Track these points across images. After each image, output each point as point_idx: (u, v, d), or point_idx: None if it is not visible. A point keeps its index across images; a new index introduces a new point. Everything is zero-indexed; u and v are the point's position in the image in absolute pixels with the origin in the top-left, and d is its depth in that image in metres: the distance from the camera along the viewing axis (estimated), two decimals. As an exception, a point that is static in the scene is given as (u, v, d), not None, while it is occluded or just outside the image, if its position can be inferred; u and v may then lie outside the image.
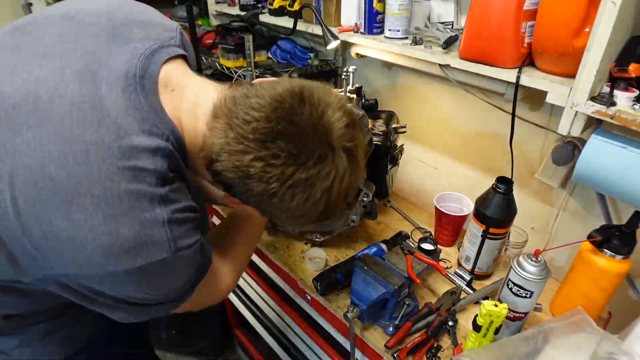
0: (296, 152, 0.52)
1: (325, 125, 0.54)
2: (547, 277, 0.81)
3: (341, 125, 0.55)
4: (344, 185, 0.57)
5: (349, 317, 0.88)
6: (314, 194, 0.54)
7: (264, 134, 0.52)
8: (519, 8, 0.84)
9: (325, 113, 0.55)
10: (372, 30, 1.17)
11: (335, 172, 0.55)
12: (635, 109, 0.74)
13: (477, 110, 1.19)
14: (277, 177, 0.52)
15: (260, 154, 0.52)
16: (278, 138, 0.52)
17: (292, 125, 0.52)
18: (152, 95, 0.54)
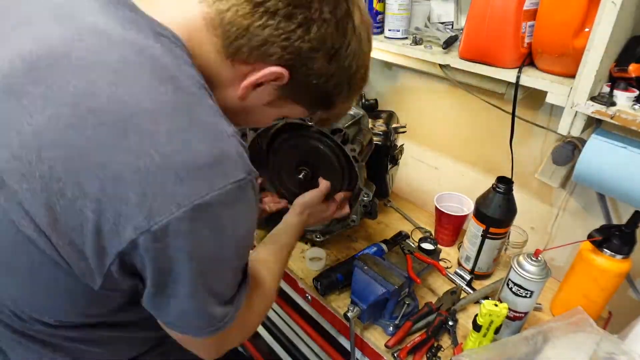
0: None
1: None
2: (547, 277, 0.81)
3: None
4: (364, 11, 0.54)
5: (349, 317, 0.88)
6: (340, 2, 0.49)
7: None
8: (519, 8, 0.84)
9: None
10: (372, 30, 1.17)
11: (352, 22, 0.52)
12: (635, 109, 0.74)
13: (477, 110, 1.19)
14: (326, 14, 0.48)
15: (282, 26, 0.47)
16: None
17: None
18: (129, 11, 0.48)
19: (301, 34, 0.48)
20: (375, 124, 1.13)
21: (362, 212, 1.06)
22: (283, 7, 0.47)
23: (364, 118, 1.00)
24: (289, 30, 0.48)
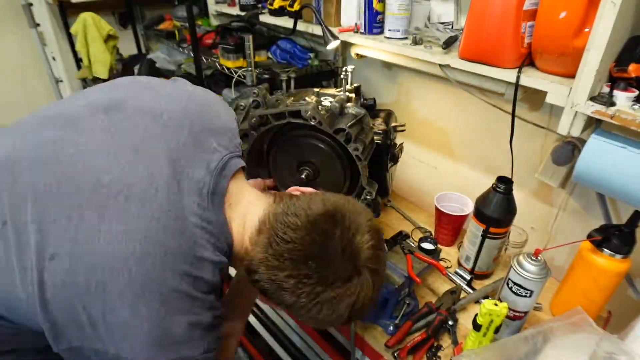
0: (325, 273, 0.59)
1: (354, 249, 0.61)
2: (547, 277, 0.81)
3: (368, 247, 0.61)
4: (368, 299, 0.62)
5: (349, 317, 0.88)
6: (340, 309, 0.60)
7: (298, 255, 0.59)
8: (519, 8, 0.84)
9: (355, 237, 0.61)
10: (372, 30, 1.17)
11: (359, 289, 0.60)
12: (634, 109, 0.74)
13: (477, 110, 1.19)
14: (307, 294, 0.59)
15: (293, 273, 0.58)
16: (310, 259, 0.59)
17: (324, 249, 0.59)
18: (218, 210, 0.62)
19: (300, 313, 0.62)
20: (374, 122, 1.13)
21: None
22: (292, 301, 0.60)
23: (365, 117, 1.00)
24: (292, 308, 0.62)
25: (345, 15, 1.26)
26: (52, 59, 2.38)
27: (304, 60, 1.53)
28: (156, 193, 0.56)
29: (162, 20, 2.34)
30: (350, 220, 0.62)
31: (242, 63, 1.54)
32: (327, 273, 0.59)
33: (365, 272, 0.61)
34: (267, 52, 1.62)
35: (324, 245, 0.60)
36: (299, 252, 0.59)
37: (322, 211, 0.62)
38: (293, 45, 1.55)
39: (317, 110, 0.93)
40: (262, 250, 0.60)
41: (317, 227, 0.60)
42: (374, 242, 0.63)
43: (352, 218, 0.62)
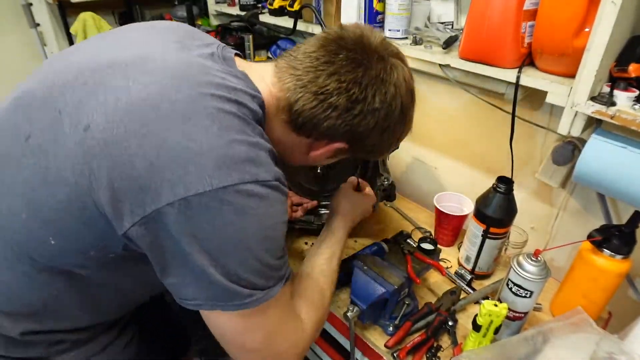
0: (358, 57, 0.60)
1: (369, 40, 0.63)
2: (547, 277, 0.81)
3: (380, 39, 0.64)
4: (408, 80, 0.65)
5: (348, 317, 0.88)
6: (389, 88, 0.62)
7: (325, 55, 0.60)
8: (519, 8, 0.84)
9: (363, 33, 0.63)
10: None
11: (394, 67, 0.63)
12: (635, 109, 0.74)
13: (477, 110, 1.19)
14: (353, 81, 0.59)
15: (330, 70, 0.59)
16: (339, 52, 0.60)
17: (344, 42, 0.61)
18: (235, 68, 0.63)
19: (358, 121, 0.62)
20: None
21: (381, 197, 1.07)
22: (344, 102, 0.60)
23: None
24: (349, 120, 0.62)
25: (345, 15, 1.25)
26: (52, 58, 2.38)
27: (304, 60, 1.53)
28: (171, 54, 0.60)
29: (162, 20, 2.34)
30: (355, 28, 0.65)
31: (242, 63, 1.54)
32: (359, 56, 0.60)
33: (390, 57, 0.63)
34: (267, 52, 1.62)
35: (343, 39, 0.61)
36: (324, 52, 0.61)
37: (327, 31, 0.65)
38: (293, 45, 1.56)
39: None
40: (291, 77, 0.61)
41: (328, 35, 0.63)
42: (383, 36, 0.66)
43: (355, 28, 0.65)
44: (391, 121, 0.65)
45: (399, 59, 0.66)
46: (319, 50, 0.61)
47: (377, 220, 1.29)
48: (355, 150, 0.70)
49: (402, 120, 0.67)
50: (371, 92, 0.60)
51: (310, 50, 0.62)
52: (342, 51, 0.60)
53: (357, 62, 0.60)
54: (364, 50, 0.61)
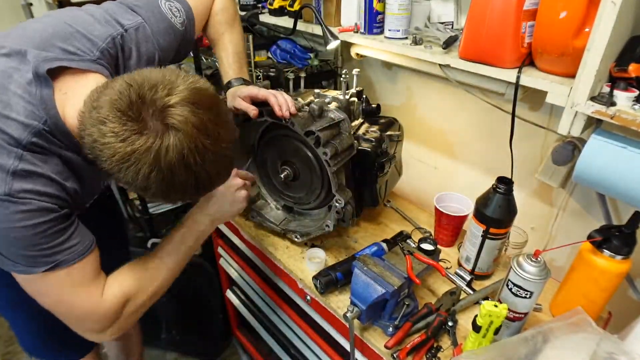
0: (119, 130, 0.60)
1: (160, 108, 0.61)
2: (547, 278, 0.81)
3: (171, 102, 0.62)
4: (176, 160, 0.62)
5: (348, 318, 0.88)
6: (142, 169, 0.61)
7: (99, 120, 0.62)
8: (519, 8, 0.84)
9: (165, 97, 0.62)
10: (372, 30, 1.17)
11: (158, 145, 0.61)
12: (635, 109, 0.74)
13: (477, 110, 1.19)
14: (111, 154, 0.61)
15: (96, 137, 0.62)
16: (107, 121, 0.61)
17: (116, 109, 0.61)
18: (45, 90, 0.68)
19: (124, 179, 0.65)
20: (369, 129, 1.11)
21: (335, 219, 1.02)
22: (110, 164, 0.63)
23: (344, 122, 0.98)
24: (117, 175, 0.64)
25: (345, 15, 1.25)
26: (52, 59, 2.38)
27: (304, 60, 1.53)
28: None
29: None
30: (151, 81, 0.63)
31: (241, 63, 1.53)
32: (120, 129, 0.60)
33: (169, 131, 0.61)
34: (267, 52, 1.62)
35: (115, 106, 0.61)
36: (99, 116, 0.62)
37: (123, 80, 0.64)
38: (293, 45, 1.55)
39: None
40: (83, 123, 0.65)
41: (115, 93, 0.62)
42: (183, 99, 0.62)
43: (155, 80, 0.63)
44: (154, 192, 0.66)
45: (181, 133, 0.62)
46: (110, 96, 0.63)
47: (377, 220, 1.29)
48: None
49: (166, 191, 0.67)
50: (119, 167, 0.62)
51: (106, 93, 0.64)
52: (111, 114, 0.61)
53: (116, 135, 0.61)
54: (134, 119, 0.61)
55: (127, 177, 0.63)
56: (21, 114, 0.67)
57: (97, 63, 0.76)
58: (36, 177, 0.68)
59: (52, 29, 0.75)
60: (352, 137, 1.00)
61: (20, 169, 0.66)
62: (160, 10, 0.90)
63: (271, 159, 1.12)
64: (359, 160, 1.04)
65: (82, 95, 0.69)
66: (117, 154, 0.61)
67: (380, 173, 1.11)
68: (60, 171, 0.71)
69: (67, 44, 0.75)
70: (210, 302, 1.74)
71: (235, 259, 1.45)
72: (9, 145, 0.66)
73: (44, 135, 0.69)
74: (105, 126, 0.61)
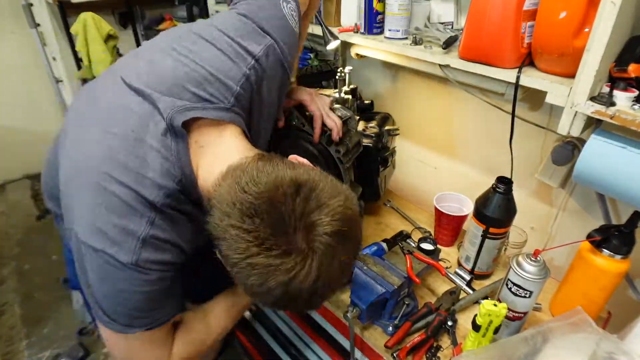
0: (266, 236, 0.54)
1: (307, 224, 0.55)
2: (546, 277, 0.81)
3: (325, 230, 0.54)
4: (306, 288, 0.55)
5: (348, 317, 0.88)
6: (269, 282, 0.54)
7: (247, 208, 0.55)
8: (519, 8, 0.84)
9: (313, 213, 0.55)
10: (372, 30, 1.17)
11: (298, 270, 0.54)
12: (634, 109, 0.74)
13: (477, 110, 1.19)
14: (242, 251, 0.54)
15: (236, 223, 0.54)
16: (257, 216, 0.54)
17: (274, 210, 0.54)
18: (181, 144, 0.66)
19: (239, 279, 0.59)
20: (367, 125, 1.12)
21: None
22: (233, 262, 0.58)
23: (351, 120, 1.00)
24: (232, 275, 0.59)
25: (345, 15, 1.26)
26: (52, 59, 2.38)
27: (304, 60, 1.53)
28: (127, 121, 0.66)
29: (162, 20, 2.34)
30: (318, 196, 0.56)
31: (242, 63, 1.53)
32: (268, 237, 0.54)
33: (312, 255, 0.54)
34: (267, 52, 1.61)
35: (275, 206, 0.54)
36: (249, 204, 0.55)
37: (292, 176, 0.57)
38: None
39: (300, 111, 0.93)
40: (221, 193, 0.59)
41: (277, 189, 0.55)
42: (335, 228, 0.55)
43: (321, 195, 0.56)
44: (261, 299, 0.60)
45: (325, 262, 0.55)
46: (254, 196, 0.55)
47: (377, 220, 1.29)
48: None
49: (275, 304, 0.60)
50: (247, 271, 0.55)
51: (252, 188, 0.56)
52: (258, 219, 0.54)
53: (260, 242, 0.54)
54: (284, 232, 0.54)
55: (247, 280, 0.56)
56: (157, 173, 0.63)
57: (231, 111, 0.71)
58: (164, 246, 0.66)
59: (184, 71, 0.69)
60: (359, 134, 1.02)
61: (151, 235, 0.63)
62: (286, 21, 0.80)
63: None
64: (361, 156, 1.05)
65: (218, 151, 0.67)
66: (252, 258, 0.54)
67: (383, 167, 1.12)
68: (186, 233, 0.68)
69: (200, 89, 0.69)
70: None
71: (235, 258, 1.45)
72: (143, 207, 0.63)
73: (177, 196, 0.66)
74: (252, 221, 0.54)
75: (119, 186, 0.62)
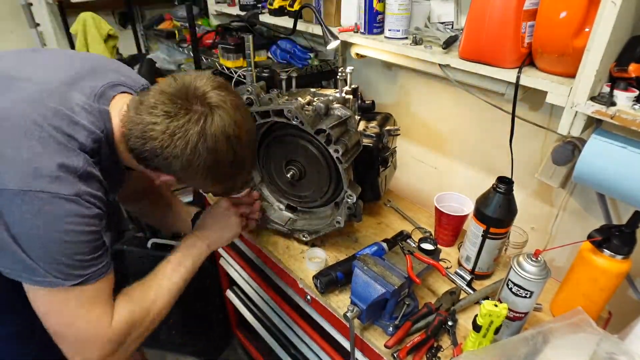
0: (168, 109, 0.71)
1: (199, 95, 0.73)
2: (547, 277, 0.81)
3: (206, 89, 0.74)
4: (219, 133, 0.73)
5: (349, 317, 0.88)
6: (190, 139, 0.71)
7: (148, 107, 0.71)
8: (519, 8, 0.84)
9: (190, 83, 0.74)
10: (372, 30, 1.17)
11: (204, 120, 0.72)
12: (635, 109, 0.74)
13: (477, 110, 1.19)
14: (159, 133, 0.70)
15: (147, 120, 0.71)
16: (157, 106, 0.71)
17: (165, 95, 0.72)
18: (102, 106, 0.77)
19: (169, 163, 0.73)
20: (368, 125, 1.12)
21: (347, 214, 1.05)
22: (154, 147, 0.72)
23: (351, 119, 0.99)
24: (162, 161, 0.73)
25: (345, 15, 1.25)
26: (52, 59, 2.38)
27: (304, 60, 1.53)
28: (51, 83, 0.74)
29: (162, 20, 2.34)
30: (188, 78, 0.75)
31: (242, 63, 1.54)
32: (170, 109, 0.71)
33: (211, 108, 0.73)
34: (267, 52, 1.62)
35: (164, 92, 0.72)
36: (148, 104, 0.71)
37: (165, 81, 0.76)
38: (293, 45, 1.55)
39: (300, 110, 0.93)
40: (129, 120, 0.73)
41: (162, 87, 0.74)
42: (215, 86, 0.75)
43: (190, 77, 0.76)
44: (202, 169, 0.75)
45: (218, 108, 0.74)
46: (153, 95, 0.73)
47: (377, 220, 1.29)
48: (186, 183, 0.85)
49: (212, 166, 0.75)
50: (172, 142, 0.71)
51: (150, 94, 0.74)
52: (161, 104, 0.71)
53: (167, 114, 0.71)
54: (179, 100, 0.72)
55: (176, 150, 0.71)
56: (86, 121, 0.73)
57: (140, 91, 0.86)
58: (96, 182, 0.73)
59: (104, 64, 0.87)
60: (358, 134, 1.02)
61: (87, 171, 0.70)
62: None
63: (275, 160, 1.12)
64: (362, 156, 1.05)
65: (116, 111, 0.78)
66: (169, 128, 0.70)
67: (383, 167, 1.12)
68: (106, 178, 0.76)
69: (120, 76, 0.85)
70: (210, 302, 1.74)
71: (235, 258, 1.45)
72: (77, 148, 0.71)
73: (100, 144, 0.75)
74: (157, 109, 0.71)
75: (53, 129, 0.68)
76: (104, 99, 0.78)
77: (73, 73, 0.79)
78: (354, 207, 1.02)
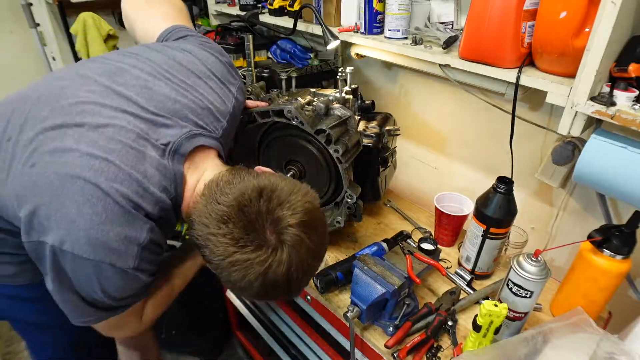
0: (239, 236, 0.64)
1: (273, 220, 0.66)
2: (547, 277, 0.81)
3: (290, 222, 0.65)
4: (281, 275, 0.65)
5: (349, 317, 0.88)
6: (249, 275, 0.64)
7: (221, 216, 0.65)
8: (519, 8, 0.84)
9: (276, 209, 0.66)
10: (372, 30, 1.17)
11: (272, 260, 0.64)
12: (635, 109, 0.74)
13: (477, 110, 1.19)
14: (221, 253, 0.65)
15: (214, 231, 0.65)
16: (229, 222, 0.65)
17: (243, 213, 0.65)
18: (177, 166, 0.73)
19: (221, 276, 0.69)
20: (368, 125, 1.13)
21: (347, 214, 1.05)
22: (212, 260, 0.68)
23: (351, 119, 0.99)
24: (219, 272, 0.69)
25: (345, 15, 1.25)
26: (52, 59, 2.38)
27: (304, 60, 1.53)
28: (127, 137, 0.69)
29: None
30: (278, 195, 0.67)
31: (242, 63, 1.53)
32: (241, 236, 0.64)
33: (283, 246, 0.65)
34: (267, 52, 1.61)
35: (243, 210, 0.65)
36: (222, 212, 0.65)
37: (254, 184, 0.68)
38: (293, 45, 1.55)
39: (299, 110, 0.93)
40: (199, 208, 0.69)
41: (243, 195, 0.66)
42: (299, 220, 0.66)
43: (282, 194, 0.68)
44: (246, 293, 0.69)
45: (295, 250, 0.66)
46: (225, 205, 0.66)
47: (377, 220, 1.29)
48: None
49: (259, 295, 0.70)
50: (228, 270, 0.65)
51: (223, 199, 0.67)
52: (231, 224, 0.65)
53: (235, 241, 0.64)
54: (253, 230, 0.65)
55: (230, 277, 0.66)
56: (157, 188, 0.69)
57: (218, 141, 0.81)
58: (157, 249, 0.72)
59: (185, 101, 0.78)
60: (358, 134, 1.02)
61: (149, 240, 0.69)
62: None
63: (275, 160, 1.12)
64: (362, 156, 1.05)
65: (201, 172, 0.76)
66: (230, 257, 0.64)
67: (383, 167, 1.12)
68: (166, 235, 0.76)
69: (199, 119, 0.78)
70: (210, 302, 1.74)
71: (235, 258, 1.45)
72: (142, 217, 0.68)
73: (168, 209, 0.73)
74: (226, 226, 0.65)
75: (120, 196, 0.65)
76: (179, 155, 0.73)
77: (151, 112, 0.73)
78: (354, 207, 1.03)
